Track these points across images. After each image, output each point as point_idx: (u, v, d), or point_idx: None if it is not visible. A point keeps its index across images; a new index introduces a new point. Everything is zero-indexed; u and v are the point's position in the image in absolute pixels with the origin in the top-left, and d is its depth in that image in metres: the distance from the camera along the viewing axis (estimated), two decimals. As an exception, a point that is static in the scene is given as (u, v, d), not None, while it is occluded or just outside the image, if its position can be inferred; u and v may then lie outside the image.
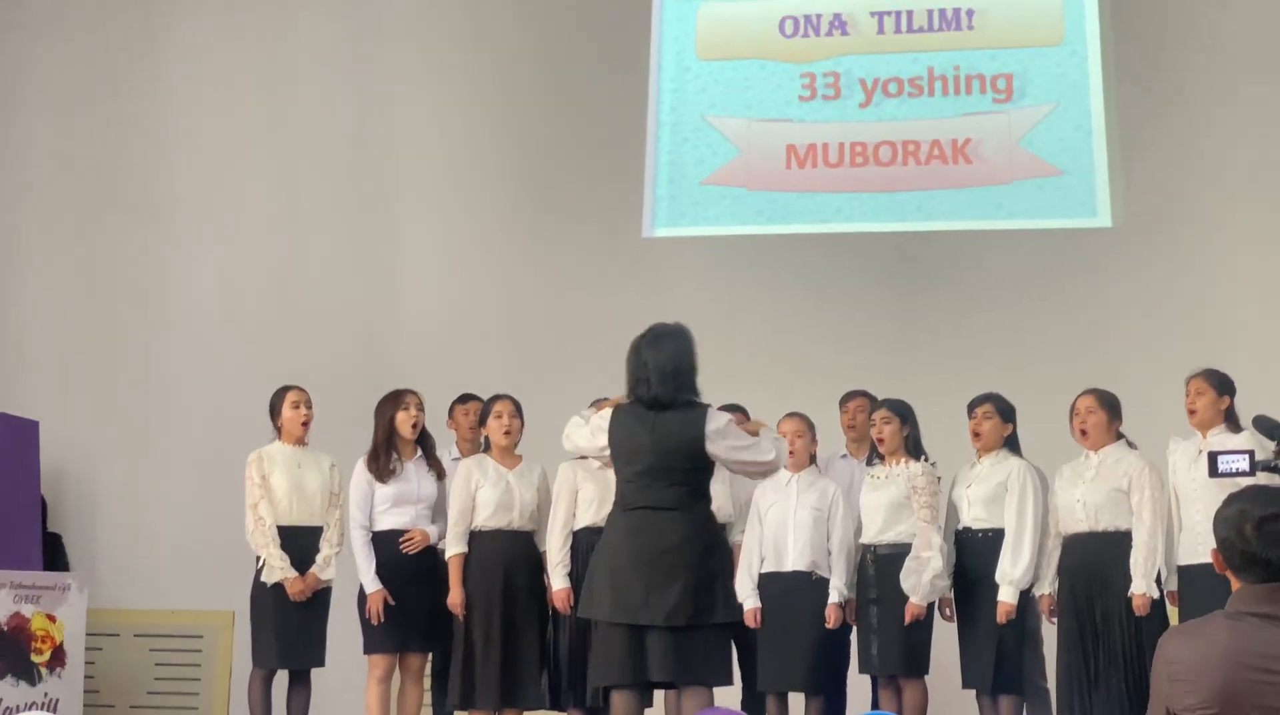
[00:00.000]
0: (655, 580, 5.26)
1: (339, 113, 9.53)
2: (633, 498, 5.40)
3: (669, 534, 5.31)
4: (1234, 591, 3.12)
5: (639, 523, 5.36)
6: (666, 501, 5.34)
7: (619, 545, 5.38)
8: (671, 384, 5.40)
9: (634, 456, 5.39)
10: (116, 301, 9.49)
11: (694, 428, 5.37)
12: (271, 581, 6.63)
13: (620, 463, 5.46)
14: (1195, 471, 6.06)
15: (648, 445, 5.35)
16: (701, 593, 5.29)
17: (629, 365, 5.48)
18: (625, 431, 5.43)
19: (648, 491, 5.36)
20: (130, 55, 9.76)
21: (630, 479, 5.41)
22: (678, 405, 5.40)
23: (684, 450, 5.36)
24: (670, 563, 5.27)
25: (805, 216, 9.01)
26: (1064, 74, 8.90)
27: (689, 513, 5.39)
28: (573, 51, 9.33)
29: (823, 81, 9.10)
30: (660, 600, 5.24)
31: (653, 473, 5.35)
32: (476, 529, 6.66)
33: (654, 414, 5.38)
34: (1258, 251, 8.45)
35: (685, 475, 5.38)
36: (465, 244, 9.26)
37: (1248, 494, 3.16)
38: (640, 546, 5.31)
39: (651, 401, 5.40)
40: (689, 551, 5.31)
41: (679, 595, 5.24)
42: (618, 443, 5.44)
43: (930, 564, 6.35)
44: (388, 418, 6.82)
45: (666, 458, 5.35)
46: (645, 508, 5.36)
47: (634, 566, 5.29)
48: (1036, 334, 8.47)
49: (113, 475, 9.23)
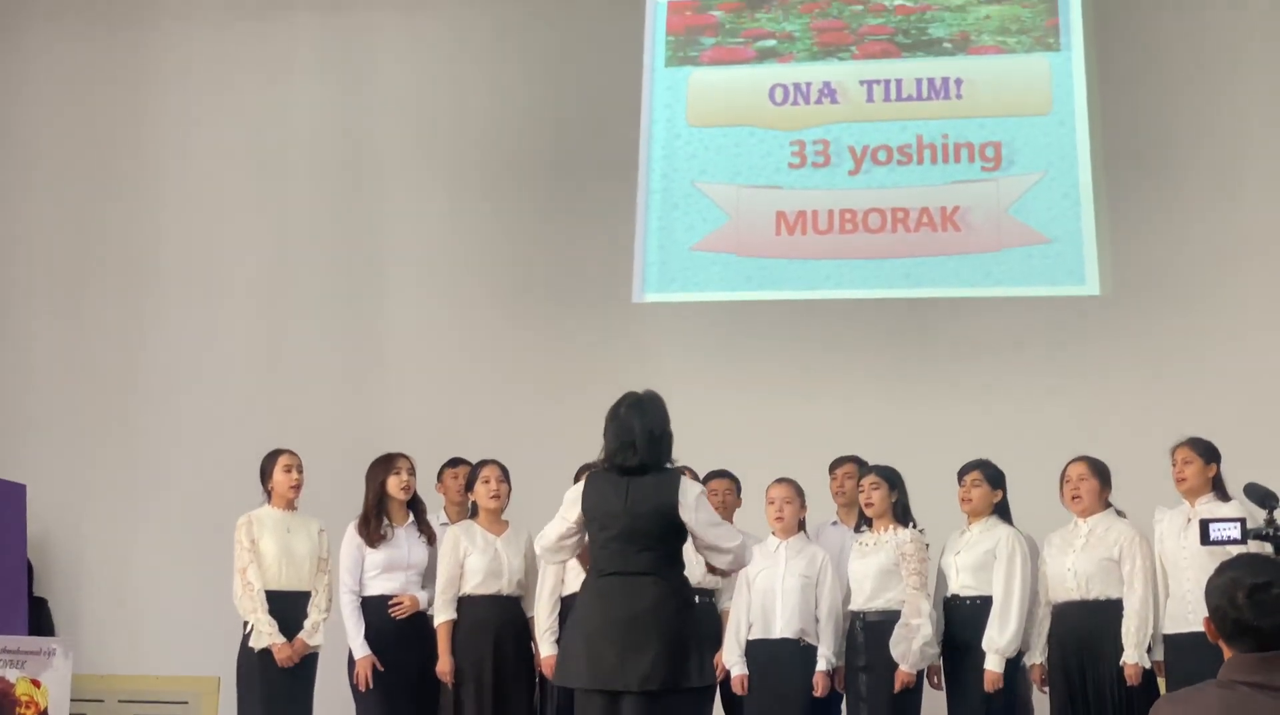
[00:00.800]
0: (629, 645, 5.20)
1: (328, 179, 9.56)
2: (606, 563, 5.35)
3: (642, 598, 5.26)
4: (1226, 660, 3.11)
5: (612, 588, 5.31)
6: (640, 566, 5.29)
7: (592, 611, 5.34)
8: (656, 449, 5.38)
9: (607, 522, 5.34)
10: (105, 366, 9.48)
11: (668, 494, 5.34)
12: (259, 647, 6.59)
13: (594, 528, 5.40)
14: (1185, 540, 6.07)
15: (621, 510, 5.30)
16: (676, 657, 5.24)
17: (611, 430, 5.42)
18: (599, 497, 5.38)
19: (620, 556, 5.31)
20: (121, 121, 9.80)
21: (604, 545, 5.36)
22: (652, 470, 5.38)
23: (657, 515, 5.32)
24: (644, 627, 5.22)
25: (794, 283, 9.02)
26: (1052, 143, 8.94)
27: (662, 577, 5.33)
28: (562, 117, 9.37)
29: (812, 149, 9.14)
30: (634, 665, 5.18)
31: (626, 538, 5.30)
32: (465, 595, 6.64)
33: (628, 479, 5.34)
34: (1245, 319, 8.47)
35: (658, 540, 5.33)
36: (454, 308, 9.27)
37: (1240, 562, 3.16)
38: (614, 612, 5.26)
39: (629, 467, 5.36)
40: (662, 616, 5.26)
41: (653, 660, 5.18)
42: (591, 508, 5.38)
43: (920, 631, 6.33)
44: (379, 482, 6.81)
45: (640, 522, 5.30)
46: (618, 573, 5.30)
47: (607, 632, 5.24)
48: (1025, 401, 8.47)
49: (99, 540, 9.19)
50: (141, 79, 9.85)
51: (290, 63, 9.77)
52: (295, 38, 9.80)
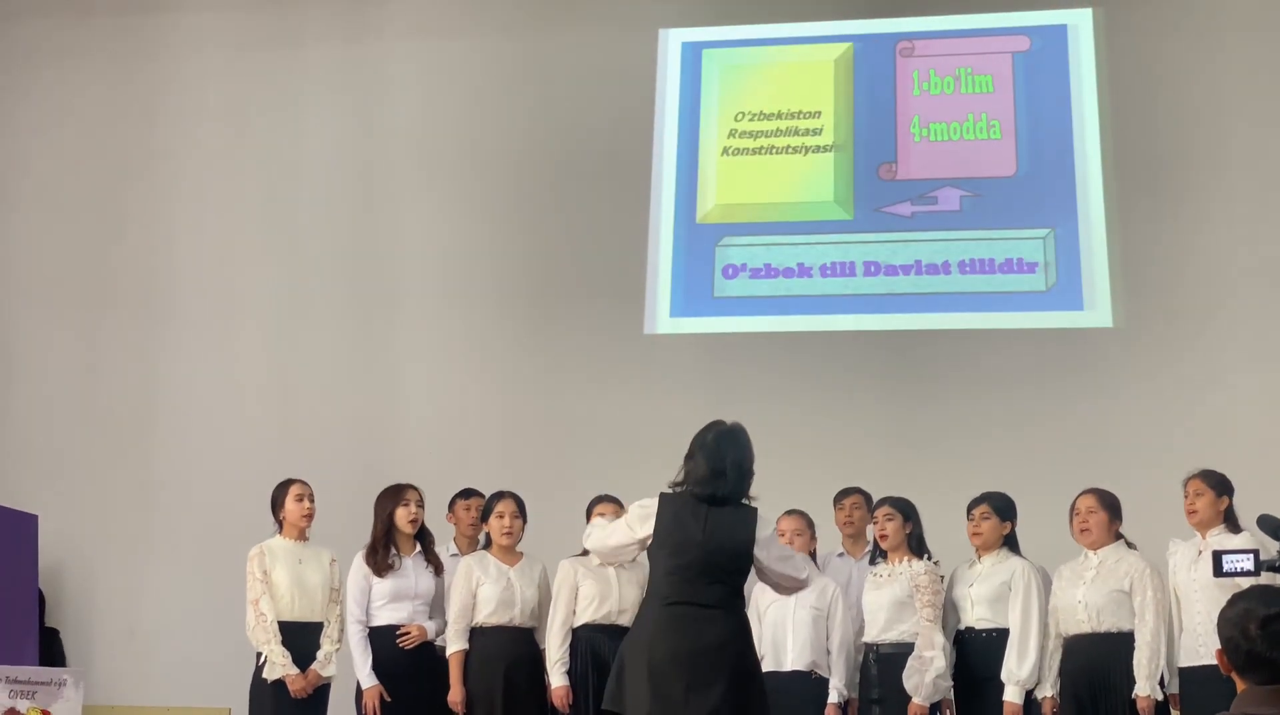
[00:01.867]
0: (696, 680, 5.10)
1: (342, 211, 9.59)
2: (673, 592, 5.23)
3: (712, 632, 5.17)
4: (1239, 693, 3.10)
5: (681, 618, 5.20)
6: (710, 599, 5.21)
7: (658, 639, 5.20)
8: (743, 482, 5.33)
9: (681, 549, 5.24)
10: (117, 397, 9.50)
11: (746, 529, 5.28)
12: (273, 678, 6.56)
13: (663, 553, 5.28)
14: (1196, 572, 6.05)
15: (699, 540, 5.22)
16: (740, 694, 5.16)
17: (702, 455, 5.32)
18: (676, 523, 5.28)
19: (691, 587, 5.21)
20: (134, 153, 9.85)
21: (673, 571, 5.25)
22: (732, 503, 5.32)
23: (733, 549, 5.25)
24: (712, 662, 5.12)
25: (807, 313, 9.03)
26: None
27: (730, 612, 5.26)
28: (575, 145, 9.40)
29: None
30: (701, 700, 5.08)
31: (698, 568, 5.21)
32: (478, 625, 6.64)
33: (706, 509, 5.26)
34: (1257, 351, 8.45)
35: (729, 574, 5.27)
36: (467, 340, 9.28)
37: (1253, 594, 3.15)
38: (682, 643, 5.15)
39: (713, 497, 5.28)
40: (731, 651, 5.18)
41: (720, 696, 5.09)
42: (665, 532, 5.29)
43: (933, 663, 6.31)
44: (387, 513, 6.80)
45: (715, 555, 5.22)
46: (688, 604, 5.21)
47: (674, 663, 5.13)
48: (1037, 433, 8.46)
49: (111, 571, 9.19)
50: (154, 111, 9.91)
51: (302, 92, 9.82)
52: (307, 67, 9.85)
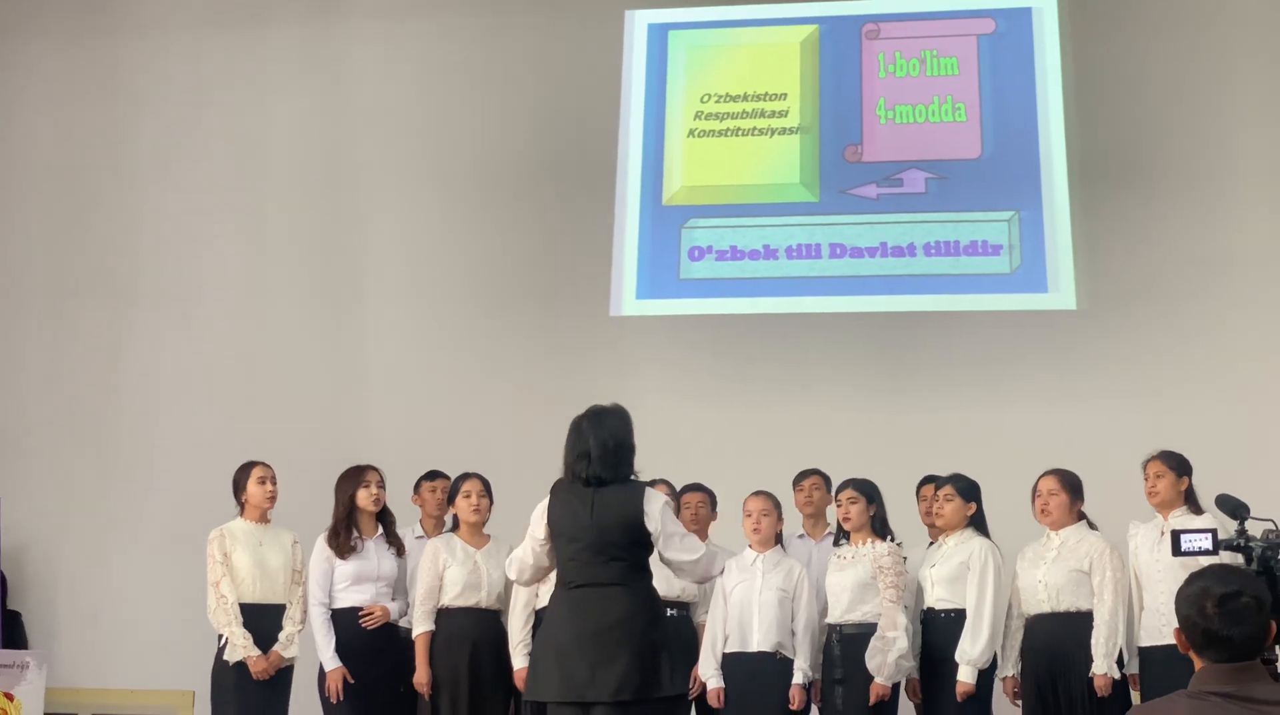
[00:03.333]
0: (601, 656, 5.22)
1: (308, 191, 9.55)
2: (574, 575, 5.36)
3: (612, 610, 5.27)
4: (1197, 671, 3.12)
5: (581, 600, 5.32)
6: (608, 577, 5.31)
7: (562, 623, 5.35)
8: (612, 460, 5.39)
9: (574, 534, 5.35)
10: (80, 380, 9.46)
11: (633, 504, 5.36)
12: (234, 660, 6.54)
13: (561, 541, 5.40)
14: (1158, 553, 6.08)
15: (587, 522, 5.32)
16: (647, 667, 5.24)
17: (569, 443, 5.47)
18: (565, 510, 5.40)
19: (588, 568, 5.32)
20: (100, 134, 9.78)
21: (572, 556, 5.37)
22: (616, 482, 5.39)
23: (623, 526, 5.33)
24: (615, 638, 5.23)
25: (773, 296, 9.04)
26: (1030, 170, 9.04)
27: (631, 588, 5.34)
28: (544, 128, 9.38)
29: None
30: (606, 676, 5.19)
31: (593, 549, 5.32)
32: (444, 607, 6.63)
33: (592, 491, 5.36)
34: (1220, 332, 8.50)
35: (626, 550, 5.35)
36: (432, 321, 9.26)
37: (1210, 572, 3.17)
38: (584, 623, 5.27)
39: (590, 478, 5.38)
40: (633, 626, 5.27)
41: (624, 670, 5.19)
42: (557, 521, 5.40)
43: (896, 644, 6.33)
44: (348, 494, 6.79)
45: (607, 534, 5.31)
46: (587, 585, 5.32)
47: (578, 643, 5.25)
48: (1001, 415, 8.49)
49: (74, 553, 9.15)
50: (120, 91, 9.83)
51: (270, 75, 9.76)
52: (275, 49, 9.79)
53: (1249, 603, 3.07)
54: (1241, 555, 4.20)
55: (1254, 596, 3.09)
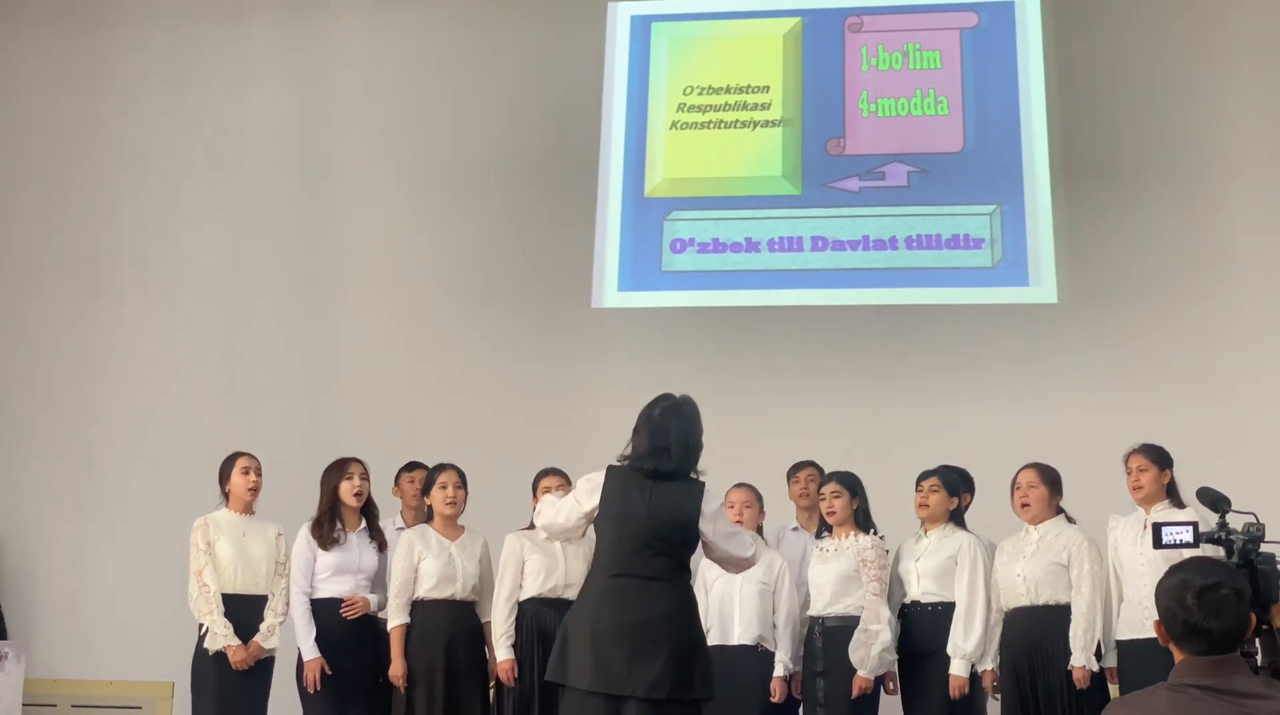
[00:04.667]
0: (639, 651, 5.13)
1: (287, 183, 9.52)
2: (618, 565, 5.26)
3: (655, 605, 5.20)
4: (1177, 663, 3.12)
5: (624, 590, 5.23)
6: (653, 571, 5.23)
7: (602, 611, 5.23)
8: (690, 458, 5.35)
9: (625, 522, 5.27)
10: (61, 369, 9.43)
11: (692, 504, 5.30)
12: (214, 649, 6.53)
13: (608, 526, 5.32)
14: (1141, 546, 6.09)
15: (643, 513, 5.24)
16: (683, 666, 5.19)
17: (646, 430, 5.35)
18: (621, 495, 5.30)
19: (635, 559, 5.24)
20: (78, 125, 9.75)
21: (618, 543, 5.28)
22: (678, 478, 5.34)
23: (678, 523, 5.27)
24: (655, 634, 5.16)
25: (755, 288, 9.04)
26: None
27: (674, 584, 5.28)
28: (524, 121, 9.36)
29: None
30: (643, 671, 5.12)
31: (642, 541, 5.24)
32: (419, 600, 6.61)
33: (652, 483, 5.29)
34: (1201, 326, 8.52)
35: (675, 547, 5.29)
36: (413, 313, 9.24)
37: (1190, 565, 3.18)
38: (625, 615, 5.18)
39: (658, 472, 5.30)
40: (672, 624, 5.21)
41: (662, 667, 5.12)
42: (609, 505, 5.32)
43: (879, 637, 6.35)
44: (332, 487, 6.78)
45: (660, 528, 5.24)
46: (631, 576, 5.24)
47: (617, 634, 5.16)
48: (982, 408, 8.50)
49: (52, 543, 9.12)
50: (100, 83, 9.80)
51: (248, 67, 9.72)
52: (255, 41, 9.75)
53: (1229, 595, 3.08)
54: (1223, 548, 4.20)
55: (1234, 589, 3.10)
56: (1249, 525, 4.19)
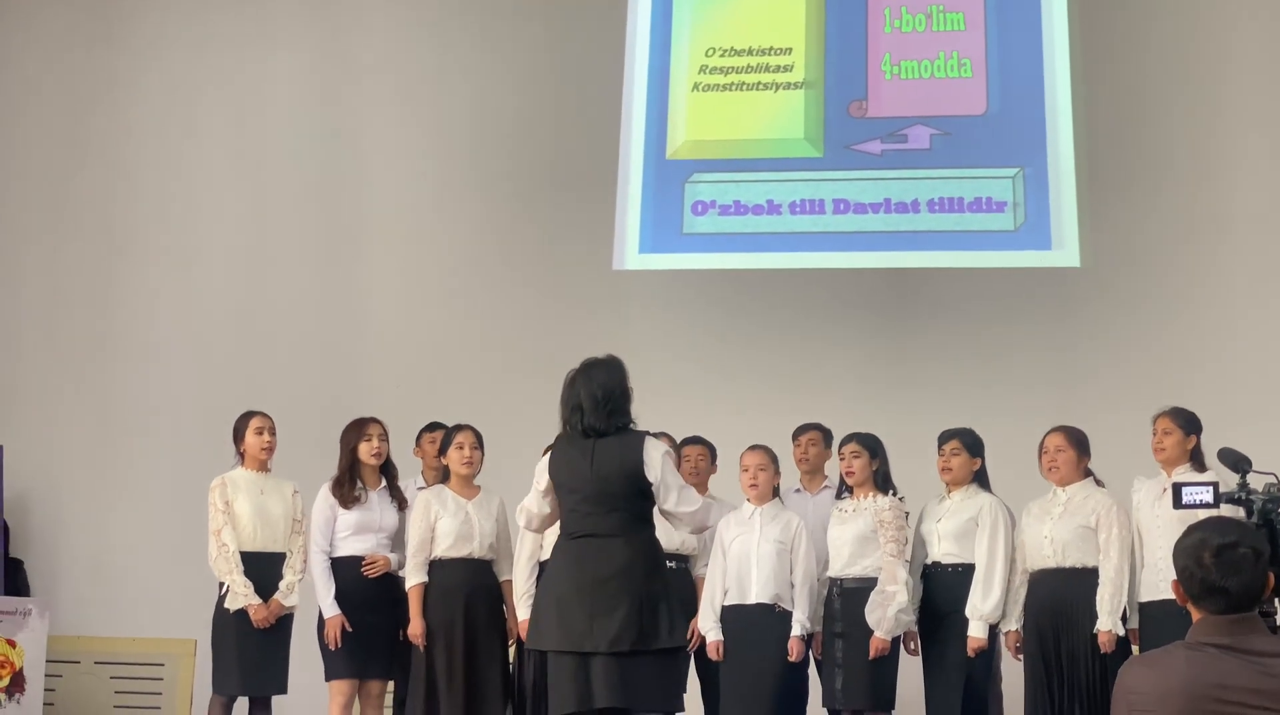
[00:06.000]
0: (599, 607, 5.26)
1: (307, 141, 9.53)
2: (575, 526, 5.41)
3: (612, 560, 5.32)
4: (1194, 623, 3.11)
5: (581, 550, 5.36)
6: (608, 528, 5.35)
7: (562, 574, 5.40)
8: (604, 410, 5.42)
9: (575, 485, 5.40)
10: (80, 328, 9.46)
11: (632, 453, 5.39)
12: (235, 608, 6.58)
13: (562, 492, 5.46)
14: (1160, 508, 6.08)
15: (587, 473, 5.37)
16: (645, 618, 5.29)
17: (562, 396, 5.52)
18: (564, 461, 5.45)
19: (589, 519, 5.37)
20: (98, 85, 9.74)
21: (573, 507, 5.42)
22: (613, 432, 5.42)
23: (623, 475, 5.37)
24: (613, 589, 5.28)
25: (776, 251, 9.02)
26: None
27: (631, 538, 5.38)
28: (546, 79, 9.35)
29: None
30: (604, 626, 5.24)
31: (594, 500, 5.36)
32: (436, 559, 6.63)
33: (592, 441, 5.40)
34: (1224, 290, 8.49)
35: (626, 501, 5.39)
36: (434, 272, 9.25)
37: (1208, 524, 3.16)
38: (583, 574, 5.31)
39: (587, 429, 5.42)
40: (632, 577, 5.31)
41: (622, 621, 5.24)
42: (557, 472, 5.46)
43: (895, 598, 6.34)
44: (351, 447, 6.80)
45: (606, 484, 5.36)
46: (588, 535, 5.36)
47: (578, 594, 5.31)
48: (1003, 371, 8.49)
49: (75, 501, 9.17)
50: (119, 41, 9.79)
51: (270, 28, 9.71)
52: (275, 3, 9.73)
53: (1246, 554, 3.06)
54: (1242, 508, 4.20)
55: (1251, 548, 3.08)
56: (1270, 485, 4.18)
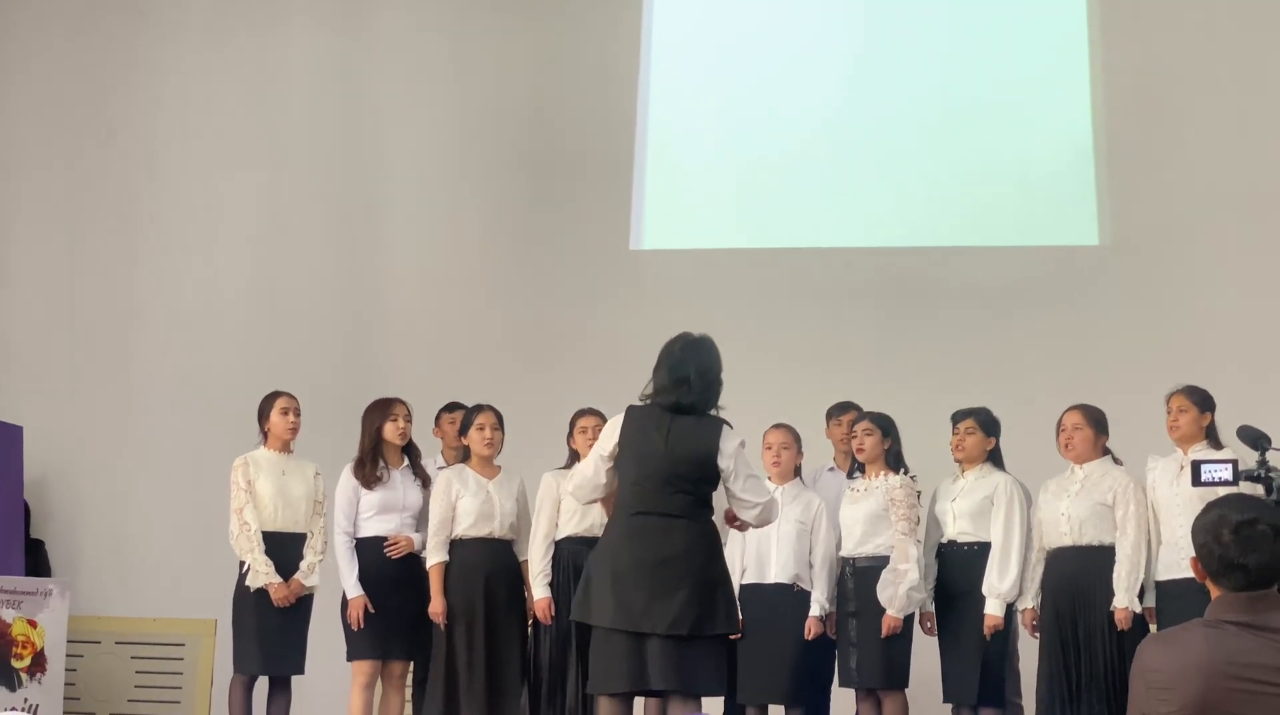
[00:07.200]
0: (659, 588, 5.17)
1: (327, 122, 9.54)
2: (638, 502, 5.29)
3: (674, 541, 5.23)
4: (1213, 600, 3.11)
5: (644, 528, 5.26)
6: (673, 508, 5.26)
7: (621, 550, 5.28)
8: (709, 392, 5.36)
9: (645, 460, 5.29)
10: (102, 308, 9.48)
11: (710, 439, 5.31)
12: (255, 587, 6.60)
13: (629, 464, 5.33)
14: (1177, 486, 6.08)
15: (661, 450, 5.27)
16: (704, 602, 5.22)
17: (666, 365, 5.38)
18: (639, 433, 5.33)
19: (655, 497, 5.26)
20: (119, 63, 9.76)
21: (638, 481, 5.30)
22: (697, 413, 5.34)
23: (697, 458, 5.28)
24: (675, 571, 5.19)
25: (792, 232, 9.02)
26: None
27: (695, 521, 5.30)
28: (561, 61, 9.34)
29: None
30: (664, 609, 5.16)
31: (661, 478, 5.26)
32: (457, 538, 6.65)
33: (670, 418, 5.31)
34: (1240, 269, 8.47)
35: (694, 484, 5.30)
36: (454, 253, 9.26)
37: (1226, 501, 3.16)
38: (644, 553, 5.21)
39: (677, 406, 5.32)
40: (694, 560, 5.23)
41: (682, 604, 5.16)
42: (629, 443, 5.33)
43: (907, 576, 6.36)
44: (375, 426, 6.81)
45: (679, 465, 5.26)
46: (651, 513, 5.26)
47: (637, 573, 5.20)
48: (1021, 349, 8.48)
49: (96, 482, 9.20)
50: (140, 25, 9.79)
51: (290, 9, 9.74)
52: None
53: (1265, 531, 3.06)
54: (1262, 486, 4.20)
55: (1270, 525, 3.08)
56: (1289, 463, 4.19)
